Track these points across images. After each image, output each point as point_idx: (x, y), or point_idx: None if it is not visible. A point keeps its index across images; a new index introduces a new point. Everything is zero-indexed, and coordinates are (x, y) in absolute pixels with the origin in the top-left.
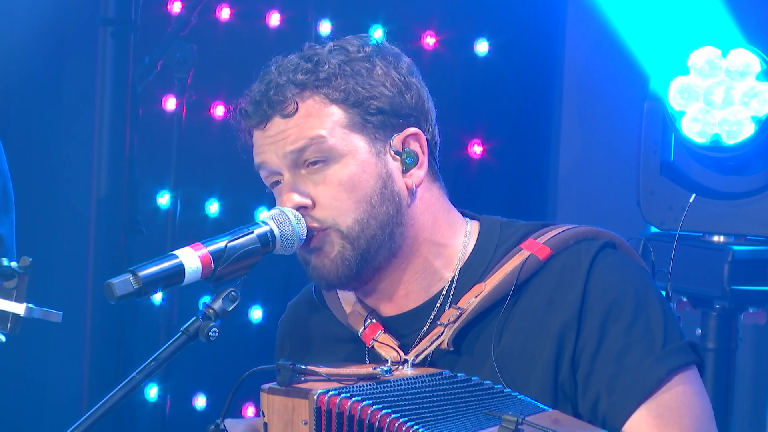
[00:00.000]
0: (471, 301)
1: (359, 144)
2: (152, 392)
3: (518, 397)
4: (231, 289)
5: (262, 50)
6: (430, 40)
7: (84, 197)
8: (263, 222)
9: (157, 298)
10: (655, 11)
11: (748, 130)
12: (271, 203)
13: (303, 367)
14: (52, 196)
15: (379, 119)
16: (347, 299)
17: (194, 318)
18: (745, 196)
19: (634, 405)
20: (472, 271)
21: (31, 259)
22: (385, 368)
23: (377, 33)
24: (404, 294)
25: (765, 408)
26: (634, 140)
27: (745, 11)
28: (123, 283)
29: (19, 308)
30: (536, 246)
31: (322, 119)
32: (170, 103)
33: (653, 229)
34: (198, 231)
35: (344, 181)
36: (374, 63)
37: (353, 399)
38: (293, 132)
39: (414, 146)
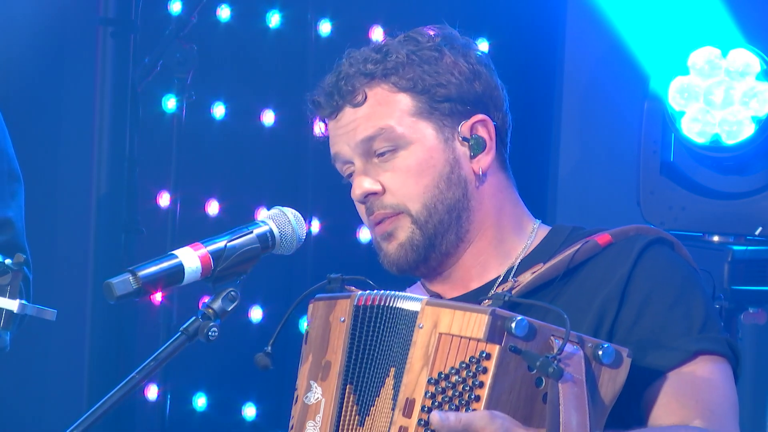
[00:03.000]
0: (527, 276)
1: (427, 131)
2: (152, 392)
3: None
4: (230, 289)
5: (262, 50)
6: None
7: (84, 197)
8: (263, 222)
9: (157, 297)
10: (655, 11)
11: (748, 130)
12: (271, 203)
13: (353, 286)
14: (52, 196)
15: (446, 106)
16: (415, 293)
17: (194, 318)
18: (745, 196)
19: (658, 374)
20: (535, 260)
21: (24, 256)
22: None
23: (376, 32)
24: (468, 277)
25: (765, 408)
26: (634, 140)
27: (745, 11)
28: (122, 282)
29: (12, 305)
30: (599, 235)
31: (391, 107)
32: (170, 103)
33: None
34: (198, 231)
35: (413, 167)
36: (443, 52)
37: (389, 294)
38: (362, 121)
39: (482, 132)
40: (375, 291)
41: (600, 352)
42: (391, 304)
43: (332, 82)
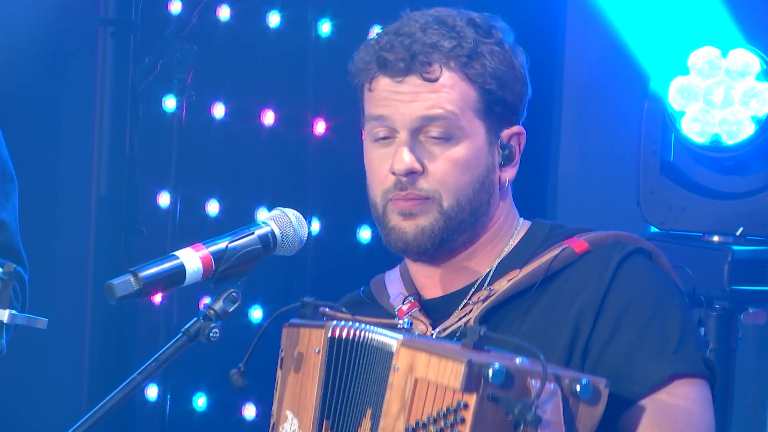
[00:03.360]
0: (503, 284)
1: (480, 131)
2: (152, 392)
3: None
4: (232, 290)
5: (262, 50)
6: None
7: (84, 197)
8: (264, 223)
9: (157, 298)
10: (655, 11)
11: (748, 130)
12: (271, 203)
13: (327, 309)
14: (52, 196)
15: (499, 111)
16: (394, 286)
17: (195, 319)
18: (745, 196)
19: (633, 400)
20: (512, 263)
21: (14, 266)
22: (407, 322)
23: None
24: (455, 276)
25: (765, 408)
26: (634, 140)
27: (745, 11)
28: (123, 283)
29: (2, 314)
30: (576, 241)
31: (459, 95)
32: (170, 103)
33: (653, 229)
34: (198, 231)
35: (461, 161)
36: (505, 49)
37: (363, 327)
38: (431, 98)
39: (514, 144)
40: (350, 323)
41: (577, 387)
42: (365, 340)
43: (404, 44)
